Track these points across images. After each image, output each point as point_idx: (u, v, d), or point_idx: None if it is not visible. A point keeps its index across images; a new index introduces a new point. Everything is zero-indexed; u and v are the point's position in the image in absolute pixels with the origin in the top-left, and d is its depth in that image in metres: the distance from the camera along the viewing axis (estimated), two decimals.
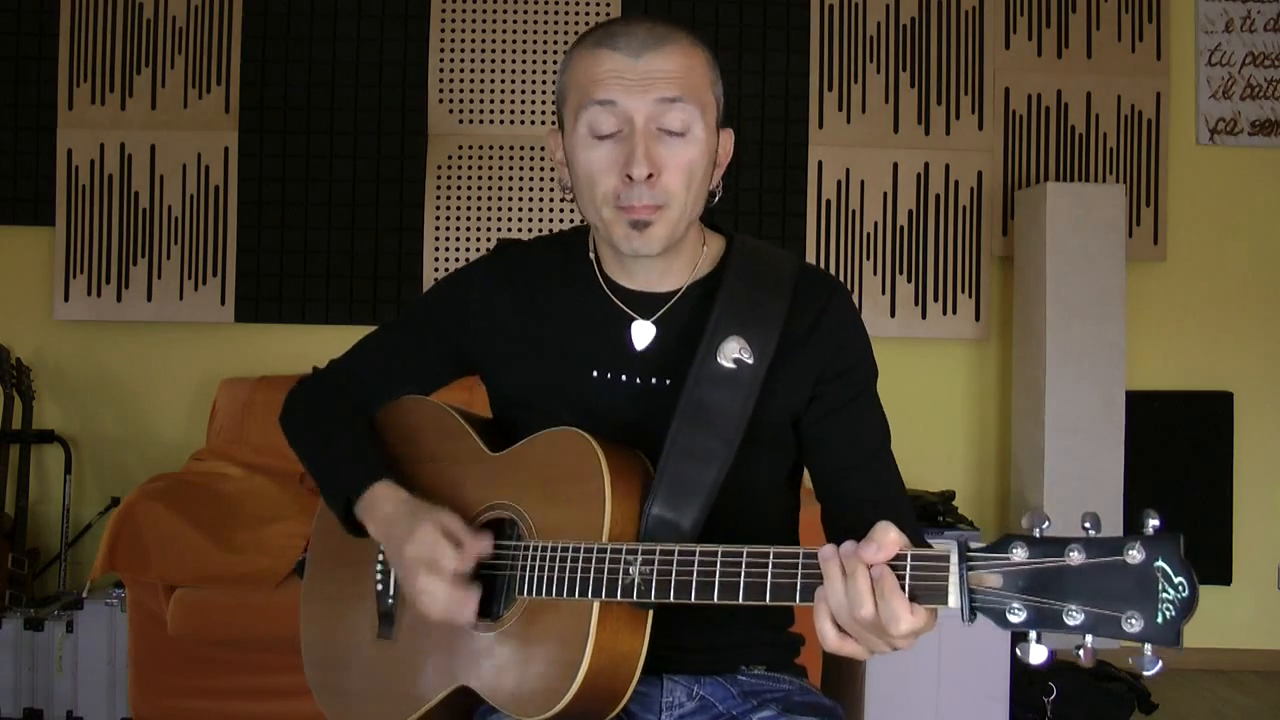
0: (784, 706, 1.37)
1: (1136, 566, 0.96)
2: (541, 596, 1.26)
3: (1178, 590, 0.95)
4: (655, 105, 1.29)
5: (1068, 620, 0.97)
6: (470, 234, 3.92)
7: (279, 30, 3.91)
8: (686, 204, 1.33)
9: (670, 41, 1.31)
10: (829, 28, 3.97)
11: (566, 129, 1.36)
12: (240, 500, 3.11)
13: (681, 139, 1.31)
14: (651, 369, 1.38)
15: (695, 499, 1.27)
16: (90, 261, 3.88)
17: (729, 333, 1.32)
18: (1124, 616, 0.95)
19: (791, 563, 1.12)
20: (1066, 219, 3.65)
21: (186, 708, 2.89)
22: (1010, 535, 1.01)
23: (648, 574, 1.19)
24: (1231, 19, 4.04)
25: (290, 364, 3.84)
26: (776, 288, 1.37)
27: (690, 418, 1.29)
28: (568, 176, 1.39)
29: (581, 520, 1.26)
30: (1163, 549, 0.95)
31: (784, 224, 3.93)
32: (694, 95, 1.31)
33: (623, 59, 1.30)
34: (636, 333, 1.39)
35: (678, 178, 1.31)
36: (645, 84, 1.29)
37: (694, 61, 1.33)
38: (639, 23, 1.32)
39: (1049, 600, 0.98)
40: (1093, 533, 0.98)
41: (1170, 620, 0.95)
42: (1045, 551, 0.99)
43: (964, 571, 1.02)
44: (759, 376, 1.32)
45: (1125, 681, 3.30)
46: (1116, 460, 3.61)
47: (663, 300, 1.40)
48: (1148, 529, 0.96)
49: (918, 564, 1.05)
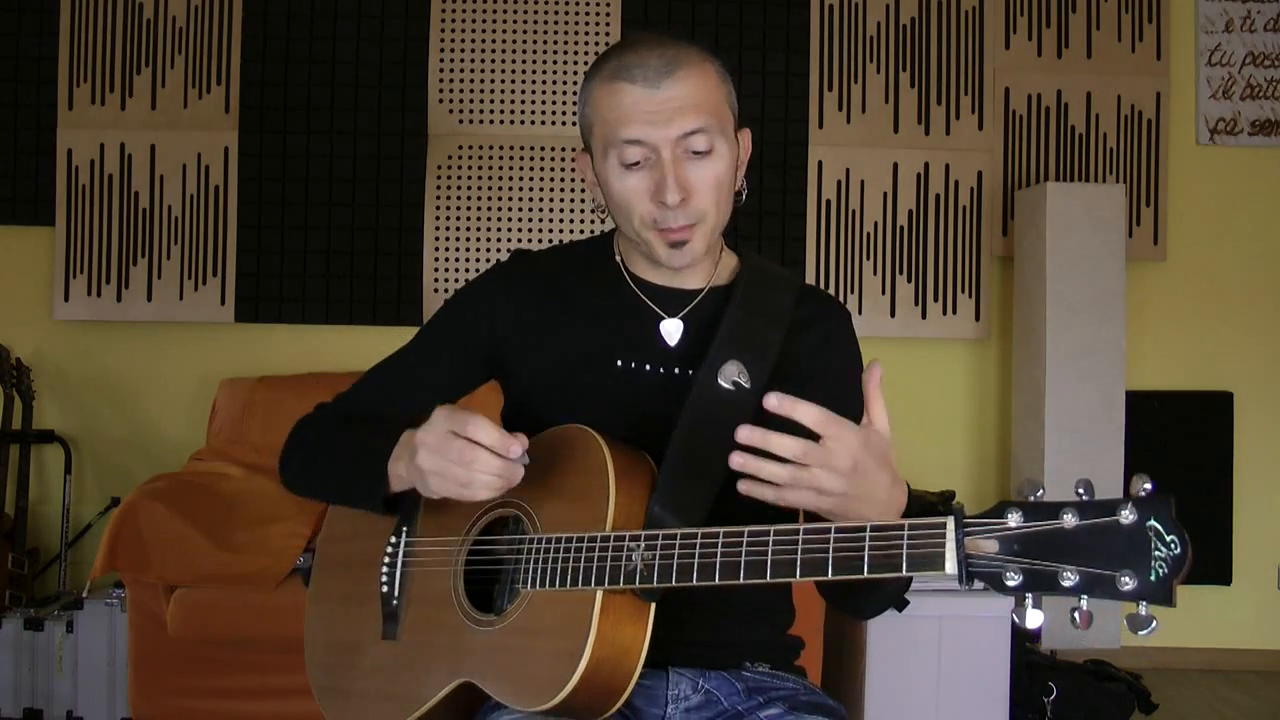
0: (790, 705, 1.38)
1: (1129, 527, 0.98)
2: (544, 588, 1.27)
3: (1170, 548, 0.96)
4: (679, 136, 1.35)
5: (1063, 582, 0.99)
6: (470, 234, 3.92)
7: (279, 30, 3.91)
8: (718, 215, 1.41)
9: (682, 65, 1.36)
10: (829, 28, 3.97)
11: (596, 157, 1.42)
12: (240, 500, 3.11)
13: (707, 157, 1.37)
14: (676, 360, 1.44)
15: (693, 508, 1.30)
16: (90, 261, 3.88)
17: (729, 356, 1.38)
18: (1118, 576, 0.97)
19: (792, 539, 1.13)
20: (1066, 219, 3.65)
21: (186, 708, 2.89)
22: (1005, 501, 1.03)
23: (650, 560, 1.20)
24: (1231, 19, 4.04)
25: (290, 364, 3.84)
26: (775, 318, 1.44)
27: (691, 433, 1.33)
28: (600, 196, 1.45)
29: (586, 516, 1.27)
30: (1155, 509, 0.98)
31: (784, 224, 3.94)
32: (713, 116, 1.37)
33: (641, 92, 1.35)
34: (667, 330, 1.45)
35: (708, 195, 1.38)
36: (667, 116, 1.35)
37: (708, 80, 1.38)
38: (649, 49, 1.36)
39: (1044, 563, 1.00)
40: (1085, 497, 1.00)
41: (1163, 578, 0.96)
42: (1040, 515, 1.01)
43: (960, 537, 1.03)
44: (754, 399, 1.35)
45: (1125, 681, 3.30)
46: (1116, 460, 3.61)
47: (688, 297, 1.47)
48: (1140, 491, 0.99)
49: (914, 531, 1.07)
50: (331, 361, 3.84)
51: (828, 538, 1.11)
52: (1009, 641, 3.01)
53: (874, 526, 1.09)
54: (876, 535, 1.08)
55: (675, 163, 1.36)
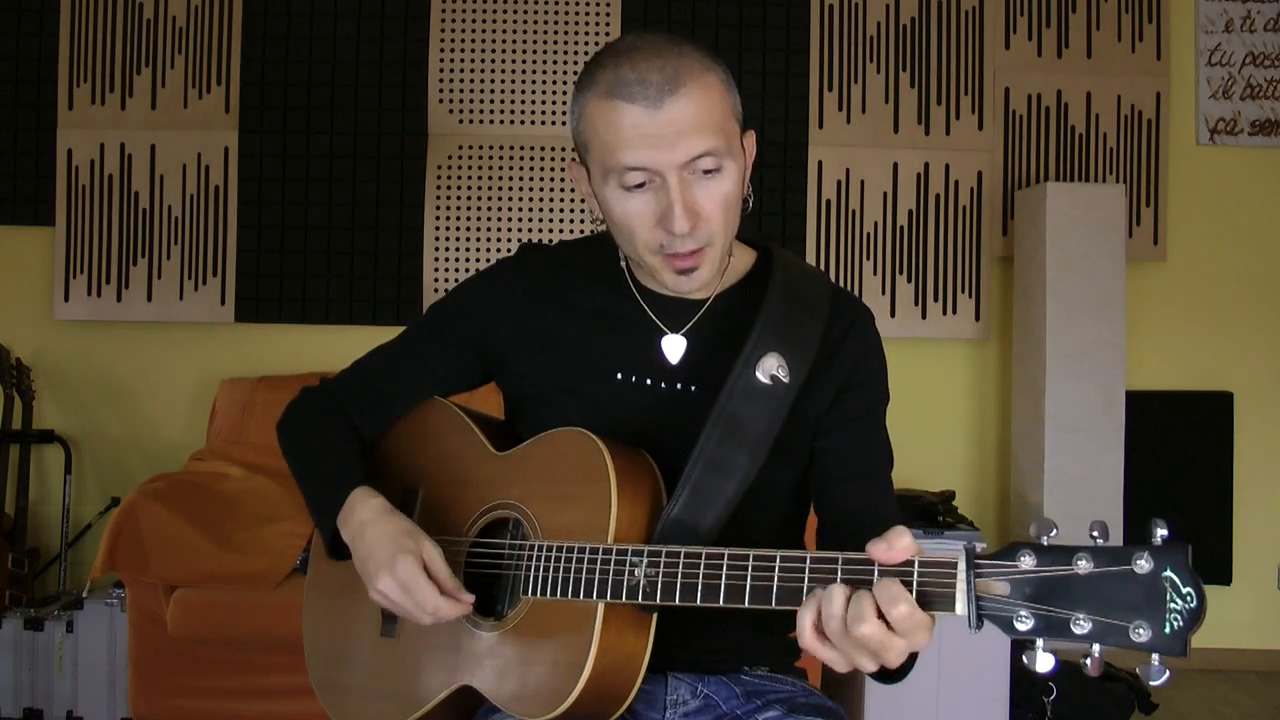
0: (789, 707, 1.38)
1: (1144, 576, 0.95)
2: (546, 597, 1.26)
3: (1186, 600, 0.94)
4: (685, 161, 1.27)
5: (1075, 629, 0.97)
6: (470, 234, 3.92)
7: (279, 30, 3.91)
8: (727, 234, 1.33)
9: (684, 79, 1.25)
10: (829, 28, 3.97)
11: (594, 177, 1.34)
12: (240, 500, 3.11)
13: (716, 176, 1.29)
14: (677, 375, 1.39)
15: (715, 507, 1.27)
16: (90, 261, 3.88)
17: (769, 349, 1.32)
18: (1131, 626, 0.95)
19: (799, 567, 1.12)
20: (1066, 219, 3.65)
21: (186, 708, 2.89)
22: (1018, 543, 1.01)
23: (653, 576, 1.19)
24: (1231, 19, 4.04)
25: (290, 364, 3.84)
26: (815, 309, 1.37)
27: (722, 428, 1.29)
28: (598, 209, 1.36)
29: (587, 522, 1.26)
30: (1171, 559, 0.95)
31: (784, 224, 3.93)
32: (719, 134, 1.28)
33: (642, 112, 1.25)
34: (668, 346, 1.40)
35: (717, 216, 1.30)
36: (670, 140, 1.25)
37: (711, 93, 1.28)
38: (648, 60, 1.26)
39: (1056, 609, 0.98)
40: (1100, 541, 0.98)
41: (1178, 631, 0.94)
42: (1053, 560, 0.99)
43: (972, 578, 1.01)
44: (792, 394, 1.32)
45: (1125, 681, 3.30)
46: (1116, 460, 3.61)
47: (691, 308, 1.41)
48: (1156, 539, 0.96)
49: (925, 570, 1.05)
50: (331, 361, 3.83)
51: (835, 567, 1.09)
52: (1009, 642, 3.01)
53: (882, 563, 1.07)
54: (885, 573, 1.06)
55: (682, 186, 1.27)
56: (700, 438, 1.28)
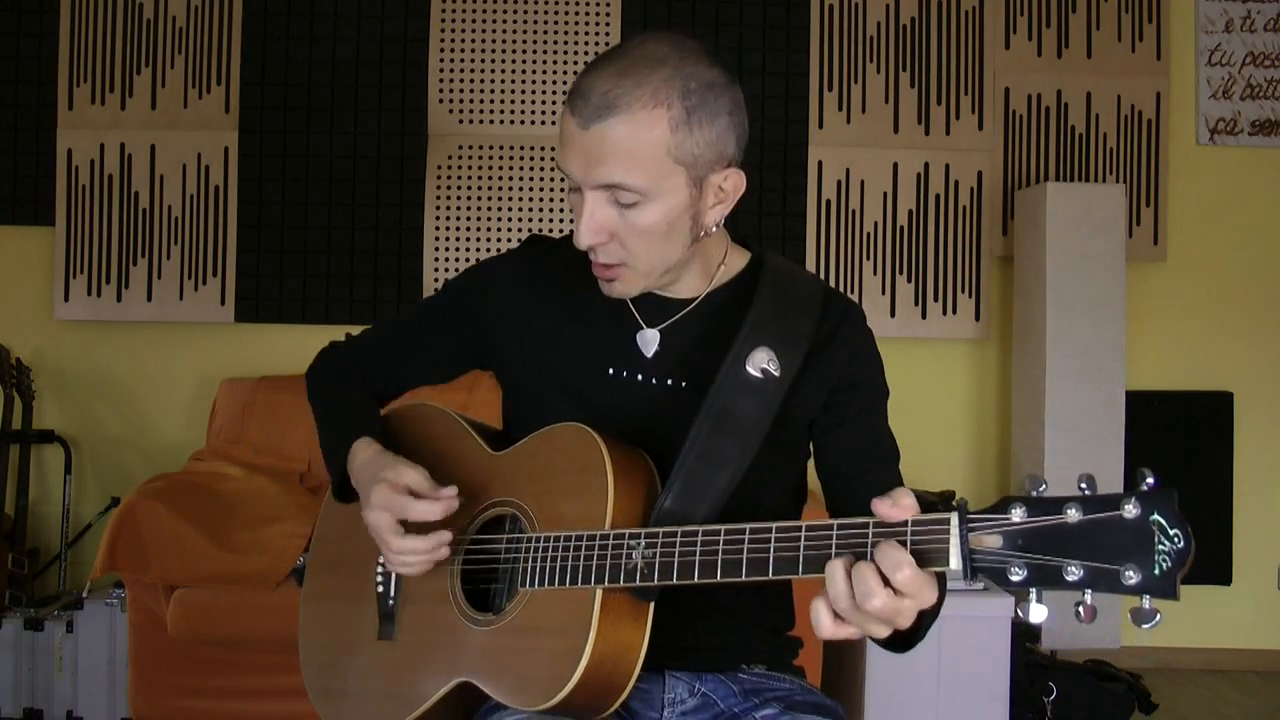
0: (786, 705, 1.38)
1: (1133, 521, 0.97)
2: (544, 587, 1.27)
3: (1173, 542, 0.96)
4: (596, 186, 1.27)
5: (1067, 576, 0.99)
6: (470, 234, 3.92)
7: (279, 30, 3.91)
8: (654, 257, 1.32)
9: (619, 111, 1.23)
10: (829, 28, 3.97)
11: None
12: (240, 500, 3.11)
13: (631, 209, 1.27)
14: (666, 371, 1.40)
15: (708, 499, 1.28)
16: (90, 261, 3.88)
17: (759, 343, 1.33)
18: (1122, 570, 0.97)
19: (794, 536, 1.13)
20: (1066, 219, 3.65)
21: (186, 708, 2.89)
22: (1009, 497, 1.03)
23: (650, 558, 1.20)
24: (1231, 19, 4.04)
25: (290, 364, 3.84)
26: (806, 306, 1.38)
27: (713, 421, 1.30)
28: None
29: (584, 513, 1.27)
30: (1158, 503, 0.97)
31: (784, 224, 3.94)
32: (641, 172, 1.25)
33: (573, 125, 1.26)
34: (643, 340, 1.41)
35: (633, 242, 1.30)
36: (589, 159, 1.25)
37: (647, 131, 1.24)
38: (604, 79, 1.25)
39: (1048, 558, 1.00)
40: (1088, 491, 1.00)
41: (1167, 571, 0.96)
42: (1043, 510, 1.01)
43: (964, 533, 1.03)
44: (783, 389, 1.33)
45: (1125, 681, 3.30)
46: (1117, 460, 3.61)
47: (676, 307, 1.41)
48: (1143, 486, 0.98)
49: (918, 527, 1.06)
50: None
51: (830, 535, 1.11)
52: (1009, 641, 3.01)
53: (876, 523, 1.08)
54: (880, 532, 1.08)
55: (594, 204, 1.27)
56: (691, 430, 1.29)
